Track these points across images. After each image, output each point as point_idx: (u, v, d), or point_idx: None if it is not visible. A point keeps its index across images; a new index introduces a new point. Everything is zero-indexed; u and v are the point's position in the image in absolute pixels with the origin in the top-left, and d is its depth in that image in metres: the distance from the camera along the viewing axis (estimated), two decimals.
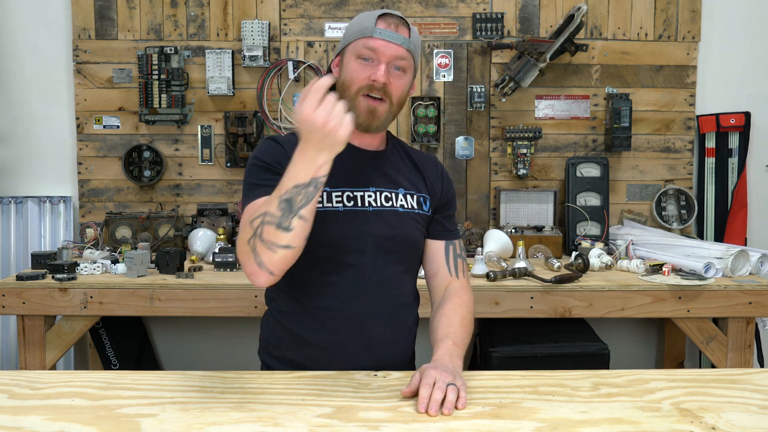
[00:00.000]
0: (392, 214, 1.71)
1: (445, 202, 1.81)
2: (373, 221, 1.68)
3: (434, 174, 1.81)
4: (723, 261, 2.66)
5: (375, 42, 1.60)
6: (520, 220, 3.23)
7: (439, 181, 1.81)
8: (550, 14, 3.29)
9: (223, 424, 1.31)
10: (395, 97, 1.64)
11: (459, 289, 1.75)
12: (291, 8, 3.29)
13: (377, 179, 1.72)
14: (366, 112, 1.62)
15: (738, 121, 3.30)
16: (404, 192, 1.74)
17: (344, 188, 1.69)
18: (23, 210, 3.35)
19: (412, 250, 1.76)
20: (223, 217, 3.19)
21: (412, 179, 1.77)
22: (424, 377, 1.41)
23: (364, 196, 1.69)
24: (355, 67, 1.62)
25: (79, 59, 3.31)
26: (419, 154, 1.84)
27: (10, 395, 1.46)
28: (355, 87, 1.61)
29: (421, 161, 1.81)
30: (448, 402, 1.36)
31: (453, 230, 1.83)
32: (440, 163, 1.87)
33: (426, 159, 1.84)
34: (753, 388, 1.48)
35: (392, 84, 1.62)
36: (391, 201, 1.72)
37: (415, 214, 1.74)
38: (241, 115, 3.27)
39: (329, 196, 1.67)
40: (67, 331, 2.69)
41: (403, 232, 1.72)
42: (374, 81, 1.60)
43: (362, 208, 1.69)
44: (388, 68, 1.61)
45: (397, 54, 1.61)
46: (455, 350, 1.56)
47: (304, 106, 1.39)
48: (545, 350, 2.68)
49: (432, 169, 1.82)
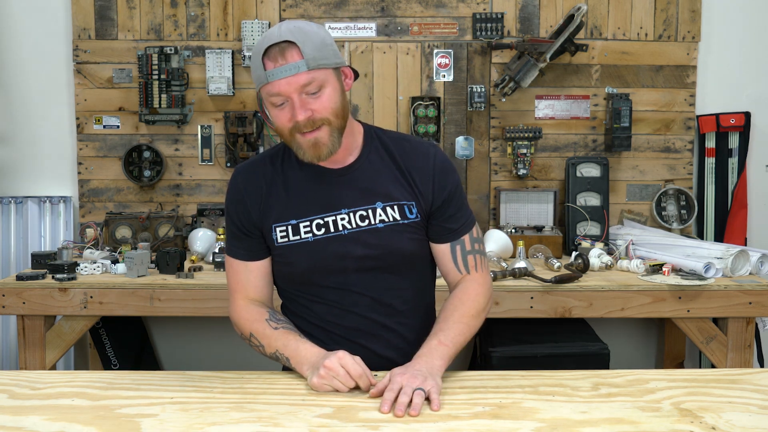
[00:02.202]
0: (371, 233, 1.62)
1: (442, 202, 1.66)
2: (350, 245, 1.61)
3: (423, 172, 1.65)
4: (723, 261, 2.66)
5: (274, 86, 1.51)
6: (520, 220, 3.23)
7: (430, 180, 1.65)
8: (550, 14, 3.29)
9: (223, 424, 1.31)
10: (327, 114, 1.54)
11: (468, 284, 1.68)
12: (291, 8, 3.29)
13: (349, 198, 1.62)
14: (309, 147, 1.55)
15: (738, 121, 3.30)
16: (383, 205, 1.63)
17: (312, 216, 1.62)
18: (23, 210, 3.35)
19: (405, 260, 1.67)
20: (223, 217, 3.18)
21: (392, 186, 1.64)
22: (391, 383, 1.42)
23: (336, 221, 1.62)
24: (275, 114, 1.56)
25: (79, 59, 3.31)
26: (405, 148, 1.67)
27: (10, 395, 1.46)
28: (286, 131, 1.56)
29: (405, 159, 1.65)
30: (415, 405, 1.35)
31: (458, 228, 1.68)
32: (435, 152, 1.68)
33: (413, 153, 1.66)
34: (753, 388, 1.48)
35: (315, 109, 1.53)
36: (368, 219, 1.62)
37: (399, 225, 1.63)
38: (241, 115, 3.27)
39: (296, 228, 1.62)
40: (67, 331, 2.69)
41: (388, 248, 1.63)
42: (296, 122, 1.53)
43: (336, 233, 1.61)
44: (302, 101, 1.52)
45: (299, 83, 1.50)
46: (438, 350, 1.53)
47: (319, 384, 1.47)
48: (545, 350, 2.68)
49: (420, 165, 1.65)
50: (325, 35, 1.55)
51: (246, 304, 1.68)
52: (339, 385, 1.46)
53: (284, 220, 1.63)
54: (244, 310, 1.68)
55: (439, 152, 1.69)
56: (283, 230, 1.63)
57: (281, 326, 1.62)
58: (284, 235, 1.63)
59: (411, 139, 1.71)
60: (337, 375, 1.45)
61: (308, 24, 1.55)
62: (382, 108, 3.32)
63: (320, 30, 1.55)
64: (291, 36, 1.50)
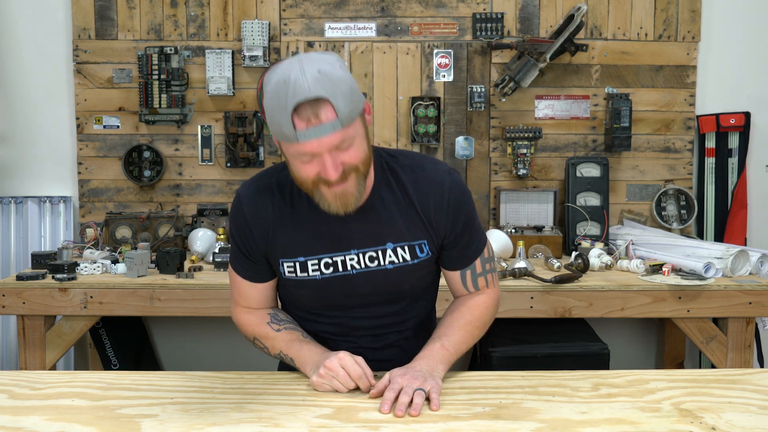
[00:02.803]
0: (380, 274, 1.57)
1: (455, 236, 1.59)
2: (357, 284, 1.57)
3: (437, 206, 1.55)
4: (723, 261, 2.66)
5: (305, 147, 1.37)
6: (520, 220, 3.23)
7: (444, 215, 1.56)
8: (550, 14, 3.28)
9: (223, 424, 1.31)
10: (357, 163, 1.43)
11: (479, 296, 1.66)
12: (291, 8, 3.29)
13: (358, 238, 1.54)
14: (336, 200, 1.45)
15: (738, 121, 3.30)
16: (393, 246, 1.56)
17: (320, 255, 1.56)
18: (23, 210, 3.35)
19: (412, 295, 1.64)
20: (223, 217, 3.19)
21: (404, 224, 1.55)
22: (391, 383, 1.42)
23: (345, 260, 1.56)
24: (299, 167, 1.42)
25: (79, 59, 3.31)
26: (418, 179, 1.55)
27: (11, 395, 1.46)
28: (310, 183, 1.44)
29: (418, 192, 1.55)
30: (415, 405, 1.36)
31: (470, 254, 1.63)
32: (450, 182, 1.56)
33: (427, 186, 1.55)
34: (753, 389, 1.48)
35: (346, 161, 1.41)
36: (377, 260, 1.56)
37: (409, 266, 1.57)
38: (241, 115, 3.27)
39: (304, 265, 1.57)
40: (67, 331, 2.69)
41: (396, 288, 1.60)
42: (326, 178, 1.41)
43: (344, 272, 1.56)
44: (333, 157, 1.40)
45: (333, 143, 1.38)
46: (440, 353, 1.53)
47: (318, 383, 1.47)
48: (545, 350, 2.68)
49: (435, 200, 1.55)
50: (348, 77, 1.39)
51: (248, 311, 1.68)
52: (338, 385, 1.46)
53: (292, 257, 1.57)
54: (245, 316, 1.68)
55: (454, 180, 1.57)
56: (291, 266, 1.58)
57: (284, 327, 1.62)
58: (291, 270, 1.58)
59: (425, 167, 1.57)
60: (336, 375, 1.46)
61: (331, 66, 1.38)
62: (382, 108, 3.32)
63: (343, 71, 1.39)
64: (322, 90, 1.34)
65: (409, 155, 1.61)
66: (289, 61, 1.40)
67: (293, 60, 1.39)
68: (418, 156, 1.62)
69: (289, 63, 1.39)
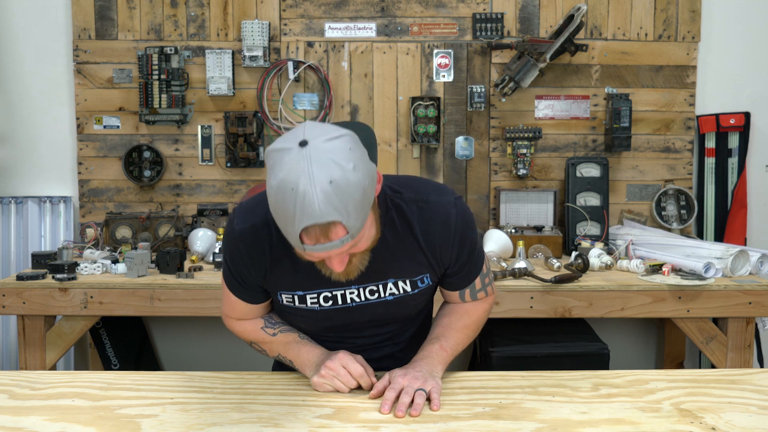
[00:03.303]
0: (380, 305, 1.55)
1: (458, 266, 1.57)
2: (356, 315, 1.56)
3: (443, 242, 1.51)
4: (723, 261, 2.66)
5: (312, 255, 1.31)
6: (520, 220, 3.23)
7: (448, 248, 1.52)
8: (550, 14, 3.28)
9: (223, 424, 1.31)
10: (365, 250, 1.39)
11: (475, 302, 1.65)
12: (291, 8, 3.29)
13: (359, 276, 1.46)
14: (338, 273, 1.39)
15: (738, 121, 3.30)
16: (394, 280, 1.53)
17: (320, 289, 1.52)
18: (23, 210, 3.35)
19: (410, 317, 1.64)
20: (223, 217, 3.18)
21: (407, 263, 1.52)
22: (392, 383, 1.42)
23: (345, 294, 1.53)
24: (304, 255, 1.34)
25: (79, 59, 3.31)
26: (424, 214, 1.49)
27: (11, 395, 1.46)
28: (315, 263, 1.39)
29: (424, 229, 1.49)
30: (416, 405, 1.36)
31: (471, 276, 1.60)
32: (456, 215, 1.50)
33: (433, 220, 1.49)
34: (753, 389, 1.48)
35: (354, 252, 1.36)
36: (377, 293, 1.54)
37: (409, 296, 1.56)
38: (241, 116, 3.27)
39: (302, 298, 1.54)
40: (67, 331, 2.69)
41: (395, 315, 1.59)
42: (331, 268, 1.36)
43: (343, 305, 1.54)
44: (341, 256, 1.33)
45: (342, 251, 1.30)
46: (439, 354, 1.54)
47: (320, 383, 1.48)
48: (545, 350, 2.68)
49: (440, 235, 1.50)
50: (361, 178, 1.25)
51: (240, 321, 1.65)
52: (340, 385, 1.46)
53: (290, 290, 1.54)
54: (237, 324, 1.66)
55: (460, 211, 1.51)
56: (289, 298, 1.55)
57: (279, 330, 1.61)
58: (290, 300, 1.55)
59: (429, 200, 1.50)
60: (338, 375, 1.46)
61: (343, 169, 1.23)
62: (382, 108, 3.32)
63: (357, 171, 1.24)
64: (333, 212, 1.22)
65: (413, 187, 1.52)
66: (297, 156, 1.24)
67: (301, 157, 1.23)
68: (422, 186, 1.54)
69: (296, 159, 1.23)
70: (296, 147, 1.25)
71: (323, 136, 1.26)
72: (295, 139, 1.26)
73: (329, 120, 3.29)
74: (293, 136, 1.28)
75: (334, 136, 1.27)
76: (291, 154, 1.24)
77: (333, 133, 1.28)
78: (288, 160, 1.24)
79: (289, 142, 1.26)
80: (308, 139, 1.25)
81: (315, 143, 1.24)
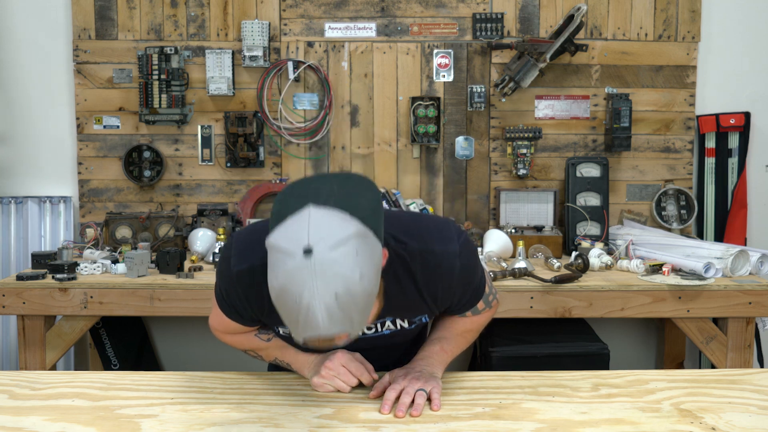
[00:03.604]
0: (378, 338, 1.55)
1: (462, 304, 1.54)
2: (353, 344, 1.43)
3: (445, 291, 1.48)
4: (723, 261, 2.66)
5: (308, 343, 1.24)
6: (520, 220, 3.23)
7: (450, 295, 1.50)
8: (550, 14, 3.28)
9: (223, 424, 1.31)
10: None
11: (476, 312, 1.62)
12: (291, 8, 3.29)
13: None
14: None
15: (738, 121, 3.30)
16: (392, 319, 1.52)
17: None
18: (23, 210, 3.35)
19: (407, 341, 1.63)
20: (223, 217, 3.18)
21: (406, 307, 1.50)
22: (392, 383, 1.42)
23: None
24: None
25: (79, 59, 3.31)
26: (428, 264, 1.43)
27: (11, 395, 1.46)
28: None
29: (426, 280, 1.45)
30: (417, 405, 1.36)
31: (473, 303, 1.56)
32: (459, 265, 1.45)
33: (436, 271, 1.44)
34: (753, 389, 1.48)
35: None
36: (374, 328, 1.53)
37: (406, 330, 1.55)
38: (241, 115, 3.27)
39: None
40: (67, 331, 2.69)
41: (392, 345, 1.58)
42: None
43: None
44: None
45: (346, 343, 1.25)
46: (440, 356, 1.54)
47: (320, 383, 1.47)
48: (545, 350, 2.68)
49: (443, 286, 1.47)
50: (369, 286, 1.19)
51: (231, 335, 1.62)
52: (341, 384, 1.45)
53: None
54: (228, 337, 1.62)
55: (464, 260, 1.45)
56: (287, 331, 1.52)
57: (272, 335, 1.60)
58: (287, 333, 1.53)
59: (434, 251, 1.43)
60: (338, 374, 1.45)
61: (349, 282, 1.16)
62: (382, 108, 3.32)
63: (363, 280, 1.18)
64: (338, 327, 1.17)
65: (417, 234, 1.44)
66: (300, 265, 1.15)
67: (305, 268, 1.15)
68: (426, 233, 1.46)
69: (300, 269, 1.15)
70: (300, 254, 1.15)
71: (329, 240, 1.16)
72: (298, 241, 1.16)
73: (329, 120, 3.30)
74: (296, 235, 1.17)
75: (340, 240, 1.16)
76: (294, 261, 1.15)
77: (340, 235, 1.17)
78: (291, 269, 1.15)
79: (292, 242, 1.16)
80: (313, 245, 1.15)
81: (320, 252, 1.15)
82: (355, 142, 3.33)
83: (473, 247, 1.51)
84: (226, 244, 1.49)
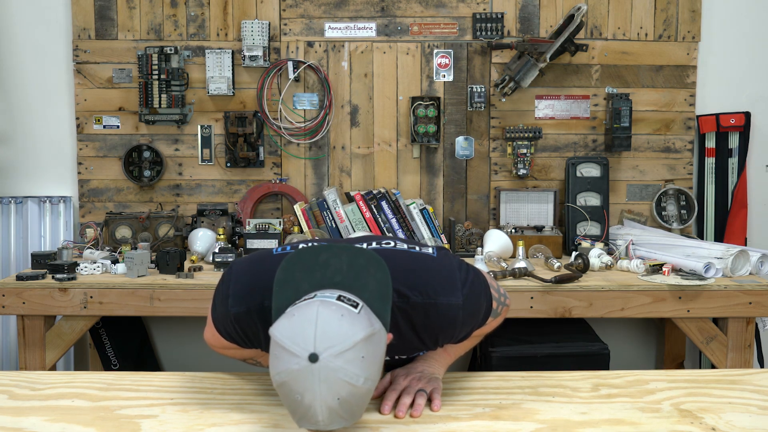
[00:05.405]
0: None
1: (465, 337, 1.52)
2: None
3: (447, 338, 1.48)
4: (723, 261, 2.66)
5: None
6: (520, 220, 3.23)
7: (451, 338, 1.48)
8: (550, 14, 3.28)
9: (223, 425, 1.31)
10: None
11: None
12: (291, 8, 3.29)
13: None
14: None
15: (738, 121, 3.30)
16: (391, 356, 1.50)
17: None
18: (23, 210, 3.35)
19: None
20: (223, 217, 3.18)
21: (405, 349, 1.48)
22: (393, 383, 1.42)
23: None
24: None
25: (79, 59, 3.31)
26: (431, 318, 1.41)
27: (10, 396, 1.46)
28: None
29: (429, 334, 1.44)
30: (417, 405, 1.36)
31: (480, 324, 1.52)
32: (462, 316, 1.42)
33: (439, 327, 1.43)
34: (753, 389, 1.48)
35: None
36: None
37: (405, 360, 1.54)
38: (241, 115, 3.27)
39: None
40: (67, 331, 2.69)
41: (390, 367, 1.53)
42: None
43: None
44: None
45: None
46: (443, 357, 1.54)
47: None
48: (545, 350, 2.68)
49: (445, 336, 1.46)
50: (373, 384, 1.20)
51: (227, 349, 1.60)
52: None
53: None
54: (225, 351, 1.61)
55: (467, 313, 1.43)
56: None
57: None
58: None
59: (438, 303, 1.40)
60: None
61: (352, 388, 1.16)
62: (382, 108, 3.32)
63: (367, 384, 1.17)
64: (340, 422, 1.18)
65: (421, 287, 1.39)
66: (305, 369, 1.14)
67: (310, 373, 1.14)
68: (430, 285, 1.41)
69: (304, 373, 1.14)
70: (305, 358, 1.14)
71: (336, 347, 1.15)
72: (304, 344, 1.15)
73: (329, 120, 3.30)
74: (302, 337, 1.15)
75: (347, 347, 1.15)
76: (299, 363, 1.14)
77: (346, 343, 1.15)
78: (295, 370, 1.14)
79: (298, 345, 1.15)
80: (319, 352, 1.13)
81: (326, 359, 1.14)
82: (355, 142, 3.33)
83: (479, 287, 1.46)
84: (224, 278, 1.46)
